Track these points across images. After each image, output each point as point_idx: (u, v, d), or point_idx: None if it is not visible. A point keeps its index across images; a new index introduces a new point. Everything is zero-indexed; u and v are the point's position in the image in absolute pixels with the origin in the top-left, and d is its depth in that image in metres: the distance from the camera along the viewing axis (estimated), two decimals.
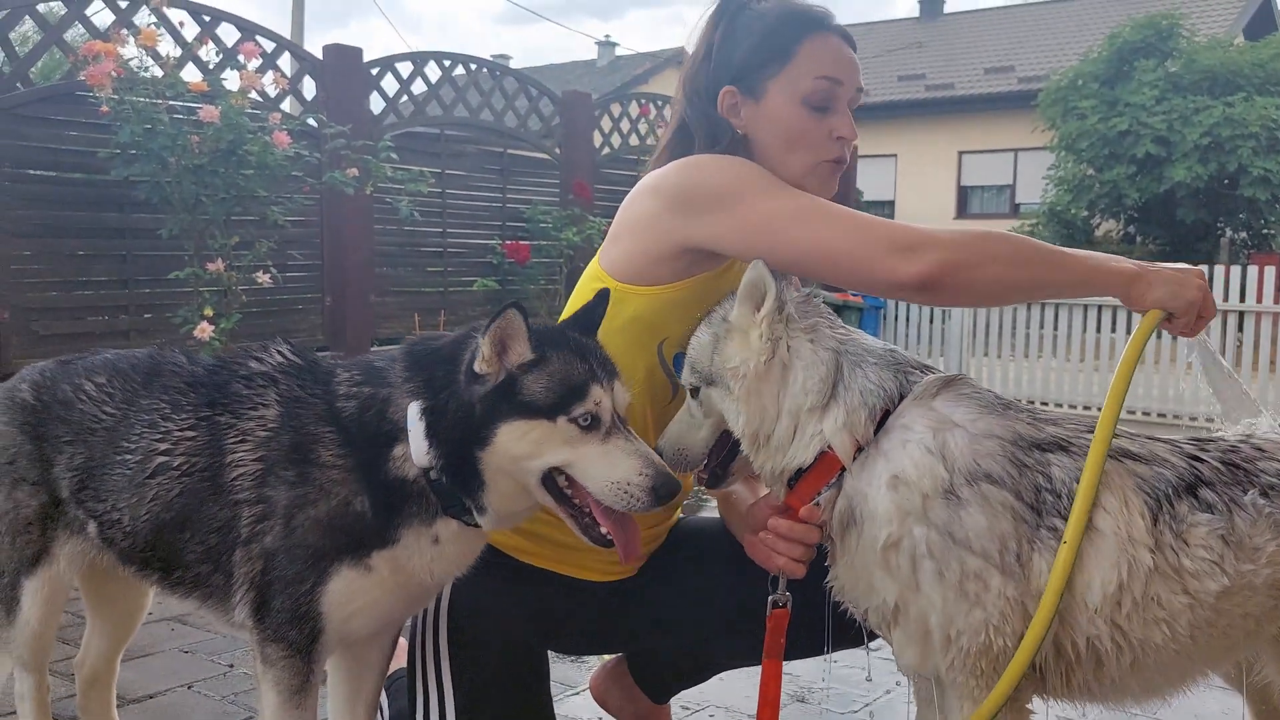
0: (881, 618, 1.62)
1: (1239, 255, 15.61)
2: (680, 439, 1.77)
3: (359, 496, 1.62)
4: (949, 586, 1.51)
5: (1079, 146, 15.66)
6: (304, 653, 1.66)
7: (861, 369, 1.62)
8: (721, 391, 1.66)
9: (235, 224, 5.71)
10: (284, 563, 1.63)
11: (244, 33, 6.28)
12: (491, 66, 8.53)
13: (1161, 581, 1.52)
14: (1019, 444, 1.56)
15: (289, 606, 1.64)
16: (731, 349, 1.65)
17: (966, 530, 1.50)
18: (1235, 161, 14.34)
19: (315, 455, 1.64)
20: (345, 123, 6.20)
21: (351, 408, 1.65)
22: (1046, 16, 24.25)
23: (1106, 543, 1.52)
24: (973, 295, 1.71)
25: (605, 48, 34.19)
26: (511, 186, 8.41)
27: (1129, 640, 1.53)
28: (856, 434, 1.59)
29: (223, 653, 3.16)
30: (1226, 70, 14.91)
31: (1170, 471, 1.58)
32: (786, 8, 1.87)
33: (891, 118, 21.90)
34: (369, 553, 1.63)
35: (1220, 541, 1.54)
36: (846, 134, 1.86)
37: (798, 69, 1.82)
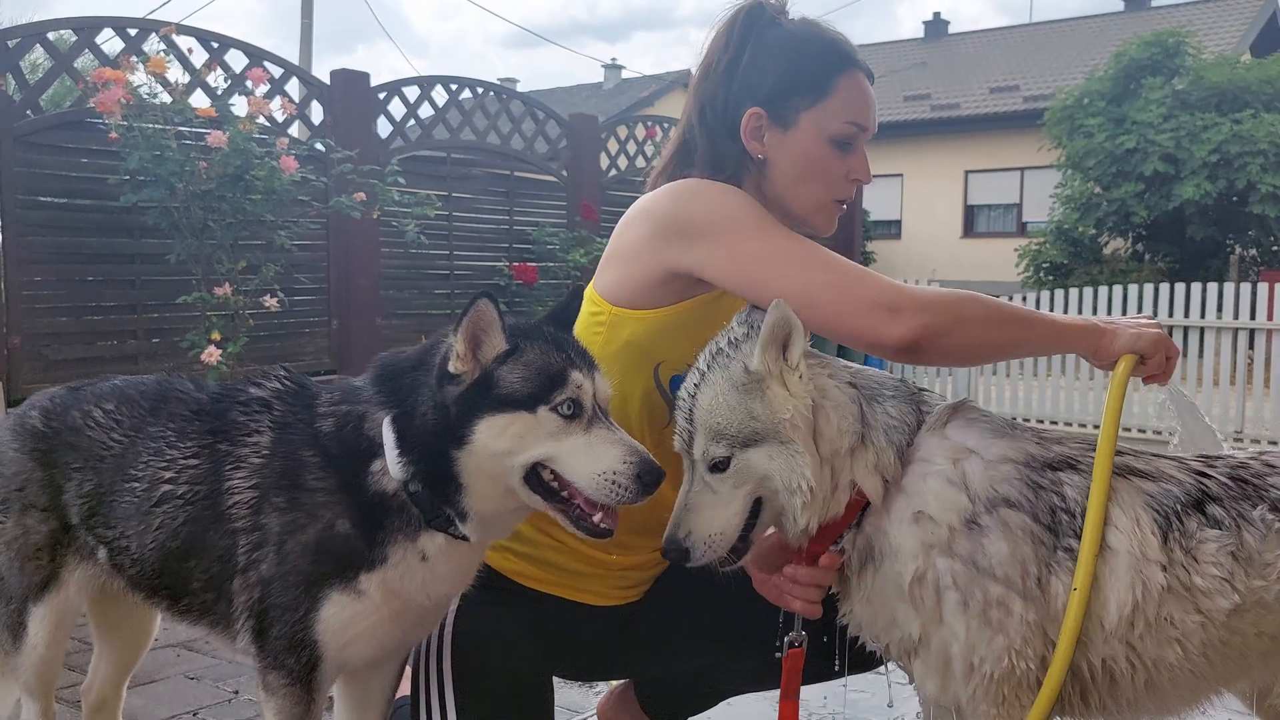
0: (903, 650, 1.60)
1: (1249, 272, 15.55)
2: (711, 524, 1.54)
3: (342, 518, 1.60)
4: (972, 615, 1.50)
5: (1086, 165, 15.65)
6: (304, 681, 1.65)
7: (880, 403, 1.59)
8: (770, 449, 1.51)
9: (242, 248, 5.74)
10: (279, 590, 1.62)
11: (252, 59, 6.33)
12: (498, 90, 8.58)
13: (1174, 601, 1.51)
14: (1031, 465, 1.55)
15: (286, 634, 1.63)
16: (778, 399, 1.52)
17: (990, 558, 1.49)
18: (1244, 178, 14.31)
19: (301, 479, 1.63)
20: (352, 147, 6.24)
21: (329, 427, 1.64)
22: (1051, 36, 24.32)
23: (1121, 562, 1.51)
24: (951, 358, 1.71)
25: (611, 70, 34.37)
26: (518, 209, 8.44)
27: (1143, 660, 1.52)
28: (886, 475, 1.56)
29: (228, 679, 3.14)
30: (1234, 87, 14.91)
31: (1178, 488, 1.57)
32: (822, 37, 1.85)
33: (897, 137, 21.94)
34: (357, 576, 1.61)
35: (1230, 558, 1.52)
36: (862, 177, 1.88)
37: (832, 107, 1.81)
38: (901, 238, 22.08)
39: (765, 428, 1.51)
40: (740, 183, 1.86)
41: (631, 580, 2.01)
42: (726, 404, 1.53)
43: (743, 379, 1.53)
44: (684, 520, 1.56)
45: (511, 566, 1.94)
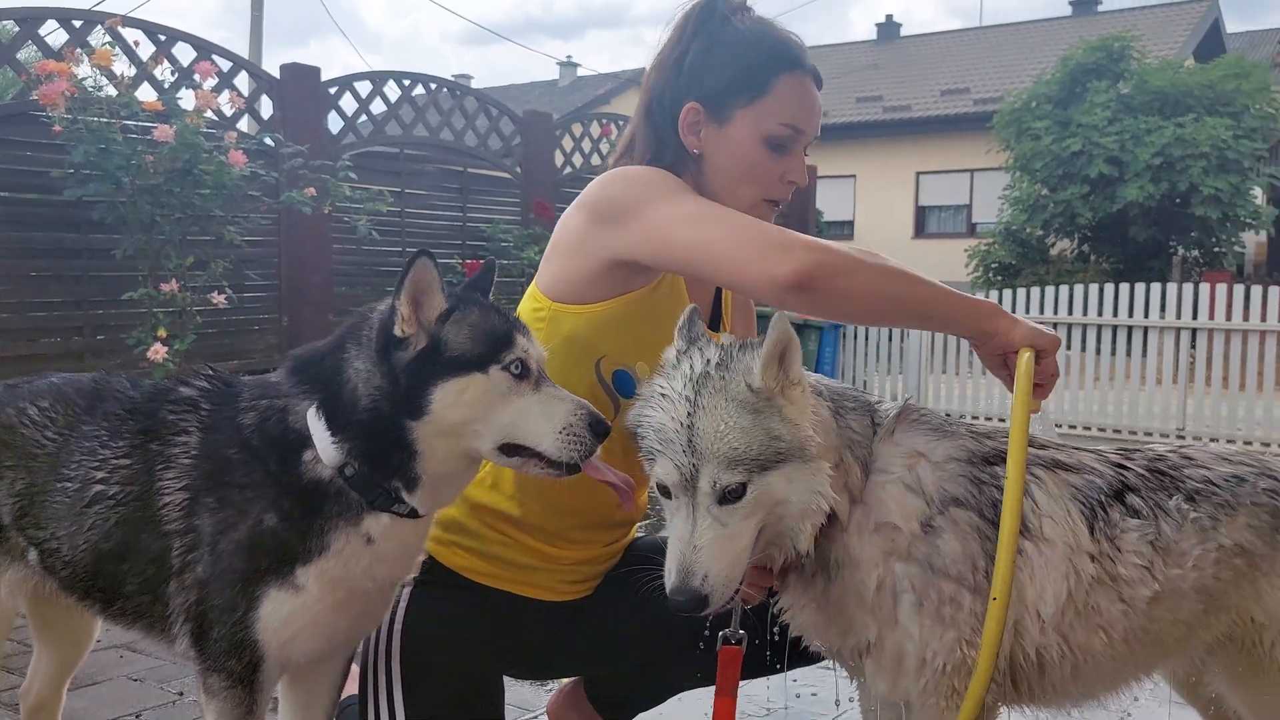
0: (855, 652, 1.61)
1: (1191, 273, 15.90)
2: (728, 561, 1.41)
3: (269, 513, 1.58)
4: (927, 615, 1.52)
5: (1033, 167, 15.90)
6: (246, 682, 1.63)
7: (844, 417, 1.57)
8: (790, 470, 1.44)
9: (191, 244, 5.65)
10: (216, 592, 1.60)
11: (200, 52, 6.24)
12: (451, 86, 8.53)
13: (1101, 590, 1.55)
14: (973, 461, 1.58)
15: (226, 636, 1.61)
16: (798, 414, 1.46)
17: (944, 558, 1.52)
18: (1186, 181, 14.62)
19: (229, 477, 1.61)
20: (303, 142, 6.17)
21: (251, 422, 1.63)
22: (1000, 39, 24.67)
23: (1056, 552, 1.54)
24: (844, 299, 1.61)
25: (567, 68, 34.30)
26: (472, 205, 8.41)
27: (1071, 648, 1.56)
28: (855, 493, 1.54)
29: (172, 680, 3.10)
30: (1177, 91, 15.23)
31: (1100, 479, 1.61)
32: (769, 38, 1.86)
33: (850, 139, 22.13)
34: (293, 570, 1.58)
35: (1150, 547, 1.57)
36: (797, 179, 1.87)
37: (767, 107, 1.82)
38: (855, 238, 22.27)
39: (790, 446, 1.43)
40: (680, 173, 1.87)
41: (582, 575, 2.01)
42: (739, 427, 1.42)
43: (750, 399, 1.44)
44: (696, 563, 1.39)
45: (461, 562, 1.93)
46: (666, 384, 1.51)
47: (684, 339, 1.59)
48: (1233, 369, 8.47)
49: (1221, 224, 15.43)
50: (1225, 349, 8.51)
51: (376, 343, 1.54)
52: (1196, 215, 14.97)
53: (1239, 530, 1.63)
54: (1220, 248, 16.17)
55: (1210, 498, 1.64)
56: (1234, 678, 1.72)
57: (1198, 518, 1.61)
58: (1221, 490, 1.65)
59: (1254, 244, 21.36)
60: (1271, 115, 15.59)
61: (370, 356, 1.55)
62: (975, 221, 20.92)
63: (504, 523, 1.92)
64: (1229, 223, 15.56)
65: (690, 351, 1.55)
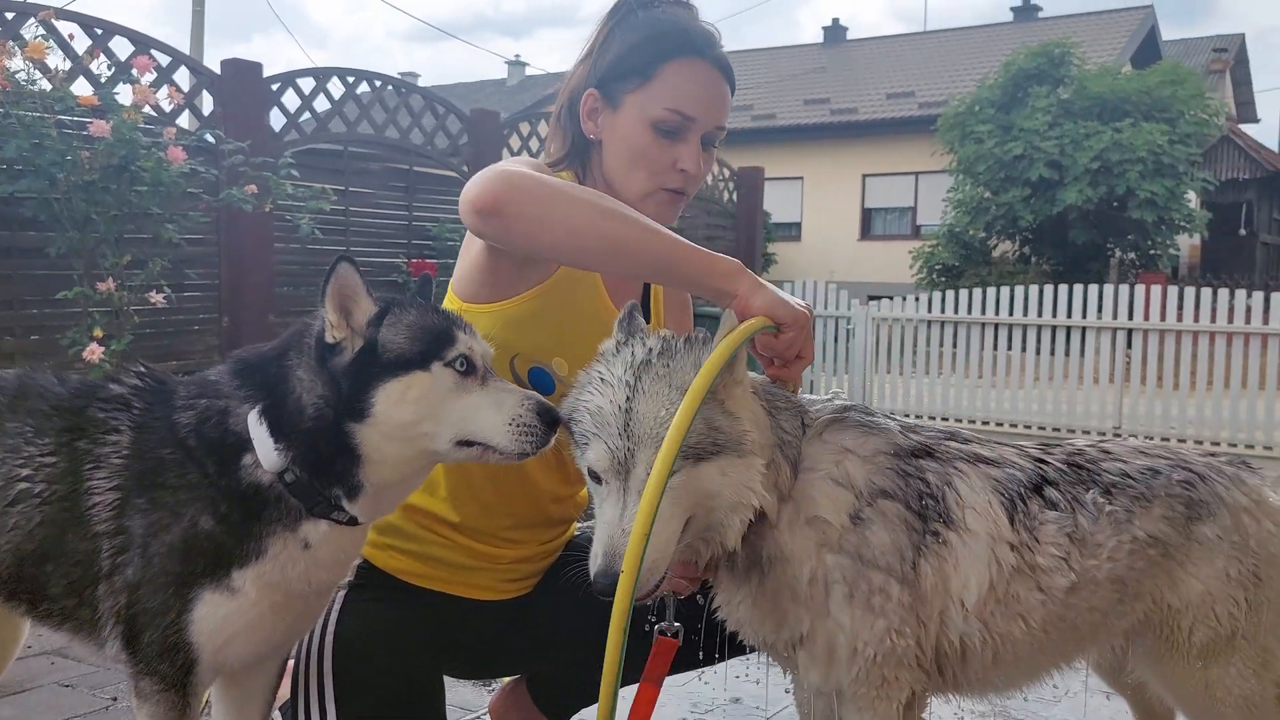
0: (789, 646, 1.63)
1: (1128, 274, 16.26)
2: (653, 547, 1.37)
3: (205, 515, 1.55)
4: (857, 605, 1.54)
5: (976, 170, 16.17)
6: (179, 685, 1.60)
7: (777, 417, 1.57)
8: (724, 463, 1.44)
9: (128, 242, 5.53)
10: (148, 594, 1.57)
11: (138, 46, 6.11)
12: (397, 83, 8.45)
13: (1020, 579, 1.60)
14: (900, 454, 1.61)
15: (159, 639, 1.57)
16: (742, 409, 1.47)
17: (873, 549, 1.54)
18: (1124, 185, 14.97)
19: (163, 479, 1.58)
20: (244, 139, 6.07)
21: (188, 423, 1.60)
22: (944, 44, 25.03)
23: (979, 543, 1.58)
24: (538, 228, 1.52)
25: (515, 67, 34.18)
26: (418, 204, 8.33)
27: (993, 635, 1.60)
28: (784, 490, 1.54)
29: (104, 686, 3.04)
30: (1115, 97, 15.58)
31: (1020, 473, 1.65)
32: (666, 24, 1.84)
33: (797, 140, 22.34)
34: (229, 572, 1.55)
35: (1067, 539, 1.62)
36: (689, 168, 1.83)
37: (654, 91, 1.80)
38: (802, 239, 22.47)
39: (727, 439, 1.43)
40: (588, 164, 1.91)
41: (521, 573, 2.00)
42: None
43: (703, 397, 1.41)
44: (623, 547, 1.35)
45: (398, 565, 1.92)
46: (606, 369, 1.49)
47: (623, 331, 1.58)
48: (1167, 368, 8.68)
49: (1157, 227, 15.81)
50: (1160, 349, 8.72)
51: (315, 351, 1.53)
52: (1133, 218, 15.33)
53: (1154, 521, 1.68)
54: (1156, 250, 16.56)
55: (1126, 490, 1.69)
56: (1154, 662, 1.77)
57: (1113, 510, 1.66)
58: (1137, 483, 1.70)
59: (1188, 246, 21.93)
60: (1205, 121, 16.02)
61: (310, 365, 1.54)
62: (920, 223, 21.21)
63: (440, 524, 1.91)
64: (1164, 226, 15.95)
65: (631, 342, 1.54)
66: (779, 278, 15.64)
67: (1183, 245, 19.83)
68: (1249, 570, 1.71)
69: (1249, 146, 24.25)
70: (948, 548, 1.57)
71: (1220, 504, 1.73)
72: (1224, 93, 25.62)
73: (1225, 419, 8.48)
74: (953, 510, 1.59)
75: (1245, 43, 28.28)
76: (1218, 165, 22.41)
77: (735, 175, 12.10)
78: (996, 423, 9.27)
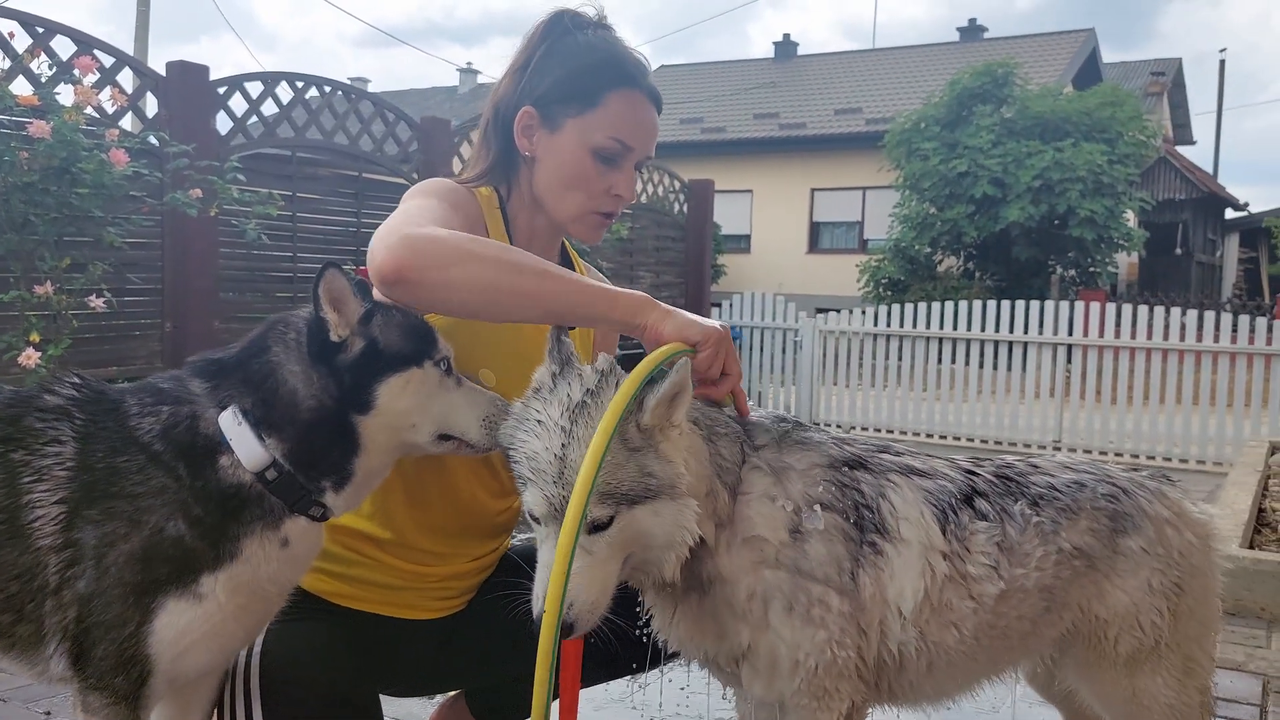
0: (731, 660, 1.63)
1: (1068, 291, 16.61)
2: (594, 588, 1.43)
3: (173, 520, 1.54)
4: (797, 617, 1.55)
5: (922, 186, 16.42)
6: (130, 699, 1.55)
7: (716, 444, 1.57)
8: (658, 505, 1.45)
9: (68, 245, 5.42)
10: (101, 607, 1.52)
11: (81, 46, 5.99)
12: (346, 89, 8.37)
13: (952, 587, 1.63)
14: (835, 466, 1.63)
15: (113, 653, 1.53)
16: (674, 455, 1.46)
17: (810, 561, 1.56)
18: (1065, 203, 15.29)
19: (118, 488, 1.55)
20: (189, 142, 5.98)
21: (152, 428, 1.58)
22: (892, 61, 25.40)
23: (913, 552, 1.61)
24: (446, 292, 1.55)
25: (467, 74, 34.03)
26: (366, 211, 8.26)
27: (927, 644, 1.63)
28: (722, 517, 1.56)
29: (39, 700, 2.97)
30: (1056, 117, 15.91)
31: (951, 484, 1.69)
32: (606, 52, 1.87)
33: (747, 154, 22.52)
34: (197, 578, 1.54)
35: (996, 548, 1.66)
36: (624, 194, 1.89)
37: (597, 119, 1.83)
38: (751, 252, 22.63)
39: (661, 484, 1.44)
40: (514, 180, 1.93)
41: (452, 590, 1.98)
42: (613, 462, 1.41)
43: (632, 435, 1.44)
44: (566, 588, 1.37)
45: (327, 587, 1.88)
46: (542, 409, 1.49)
47: (555, 361, 1.56)
48: (1105, 383, 8.88)
49: (1096, 245, 16.15)
50: (1099, 364, 8.91)
51: (310, 348, 1.59)
52: (1073, 236, 15.65)
53: (1080, 534, 1.73)
54: (1095, 268, 16.92)
55: (1053, 502, 1.74)
56: (1083, 671, 1.81)
57: (1040, 521, 1.70)
58: (1064, 495, 1.75)
59: (1126, 264, 22.45)
60: (1143, 143, 16.44)
61: (304, 360, 1.59)
62: (867, 238, 21.46)
63: (366, 543, 1.89)
64: (1103, 244, 16.30)
65: (566, 375, 1.53)
66: (729, 289, 15.73)
67: (1121, 263, 20.28)
68: (1171, 581, 1.77)
69: (1185, 168, 24.92)
70: (884, 557, 1.60)
71: (1144, 517, 1.77)
72: (1161, 115, 26.31)
73: (1160, 433, 8.69)
74: (888, 521, 1.61)
75: (1182, 67, 29.06)
76: (1155, 186, 23.00)
77: (686, 187, 12.16)
78: (940, 435, 9.41)
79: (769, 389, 10.30)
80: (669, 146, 21.73)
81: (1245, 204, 28.55)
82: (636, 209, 11.13)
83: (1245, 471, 6.09)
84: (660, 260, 11.59)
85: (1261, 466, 6.26)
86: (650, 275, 11.39)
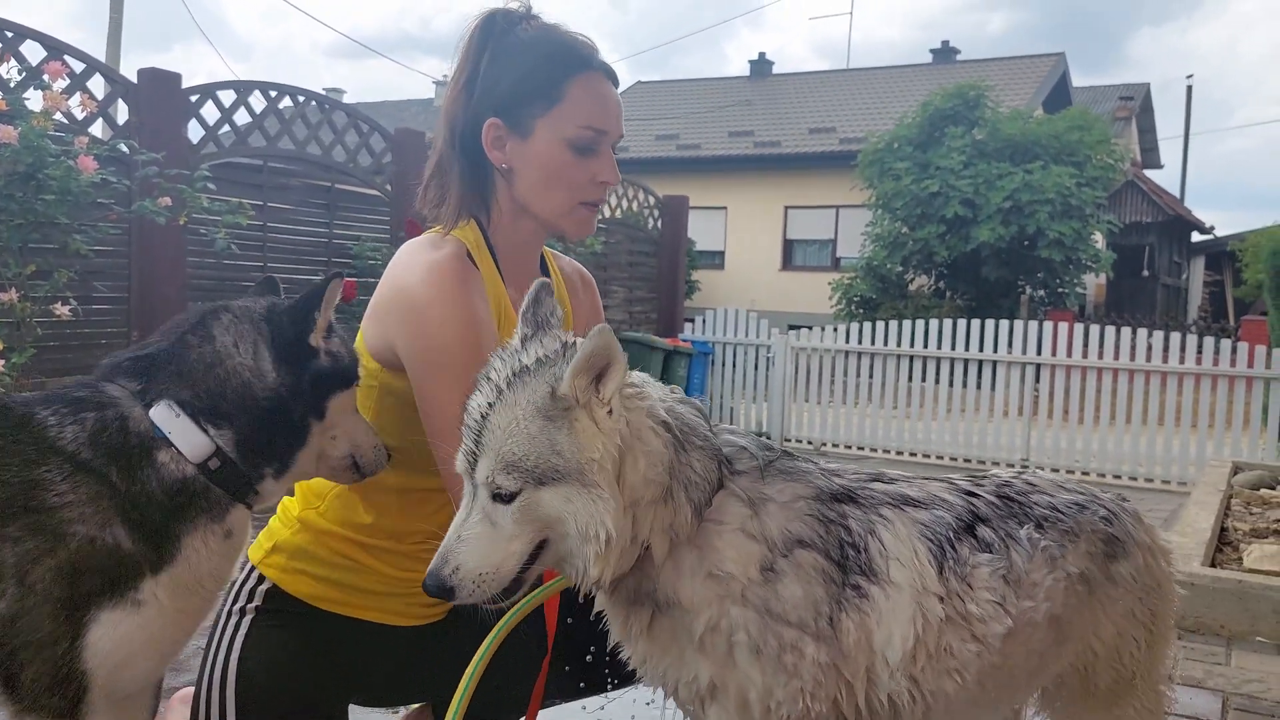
0: (693, 693, 1.50)
1: (1037, 311, 16.77)
2: (484, 561, 1.36)
3: (108, 528, 1.49)
4: (767, 661, 1.43)
5: (894, 205, 16.55)
6: (67, 716, 1.50)
7: (687, 453, 1.43)
8: (571, 490, 1.34)
9: (32, 252, 5.36)
10: (28, 627, 1.46)
11: (50, 52, 5.95)
12: (320, 99, 8.35)
13: (952, 630, 1.49)
14: (821, 499, 1.50)
15: (47, 672, 1.47)
16: (587, 436, 1.33)
17: (784, 603, 1.43)
18: (1034, 224, 15.45)
19: (35, 501, 1.47)
20: (160, 150, 5.94)
21: (77, 436, 1.52)
22: (866, 82, 25.63)
23: (903, 596, 1.47)
24: None
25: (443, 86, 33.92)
26: (339, 222, 8.23)
27: (923, 692, 1.48)
28: (680, 534, 1.43)
29: None
30: (1026, 140, 16.10)
31: (949, 513, 1.55)
32: (554, 41, 1.84)
33: (722, 171, 22.63)
34: (136, 584, 1.50)
35: (1002, 582, 1.52)
36: (608, 178, 1.86)
37: (565, 112, 1.81)
38: (725, 268, 22.70)
39: (569, 466, 1.33)
40: (489, 195, 1.89)
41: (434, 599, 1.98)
42: (526, 432, 1.34)
43: (548, 405, 1.34)
44: (453, 553, 1.36)
45: (310, 590, 1.88)
46: (495, 367, 1.43)
47: (528, 324, 1.48)
48: (1073, 402, 8.97)
49: (1065, 266, 16.33)
50: (1066, 384, 9.00)
51: (281, 343, 1.62)
52: (1042, 257, 15.81)
53: (1081, 558, 1.63)
54: (1064, 288, 17.09)
55: (1056, 524, 1.62)
56: (1067, 706, 1.75)
57: (1047, 546, 1.58)
58: (1066, 517, 1.64)
59: (1094, 285, 22.71)
60: (1111, 166, 16.65)
61: (268, 352, 1.61)
62: (839, 256, 21.59)
63: (357, 549, 1.89)
64: (1072, 265, 16.48)
65: (535, 339, 1.46)
66: (702, 304, 15.77)
67: (1089, 284, 20.51)
68: (1148, 610, 1.71)
69: (1152, 191, 25.27)
70: (870, 601, 1.45)
71: (1133, 542, 1.70)
72: (1130, 139, 26.66)
73: (1125, 452, 8.78)
74: (876, 561, 1.47)
75: (1150, 92, 29.50)
76: (1122, 208, 23.31)
77: (660, 203, 12.20)
78: (910, 453, 9.46)
79: (740, 405, 10.32)
80: (644, 162, 21.81)
81: (1211, 227, 28.91)
82: (610, 224, 11.16)
83: (1208, 491, 6.16)
84: (634, 275, 11.61)
85: (1224, 486, 6.34)
86: (624, 290, 11.41)
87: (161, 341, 1.64)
